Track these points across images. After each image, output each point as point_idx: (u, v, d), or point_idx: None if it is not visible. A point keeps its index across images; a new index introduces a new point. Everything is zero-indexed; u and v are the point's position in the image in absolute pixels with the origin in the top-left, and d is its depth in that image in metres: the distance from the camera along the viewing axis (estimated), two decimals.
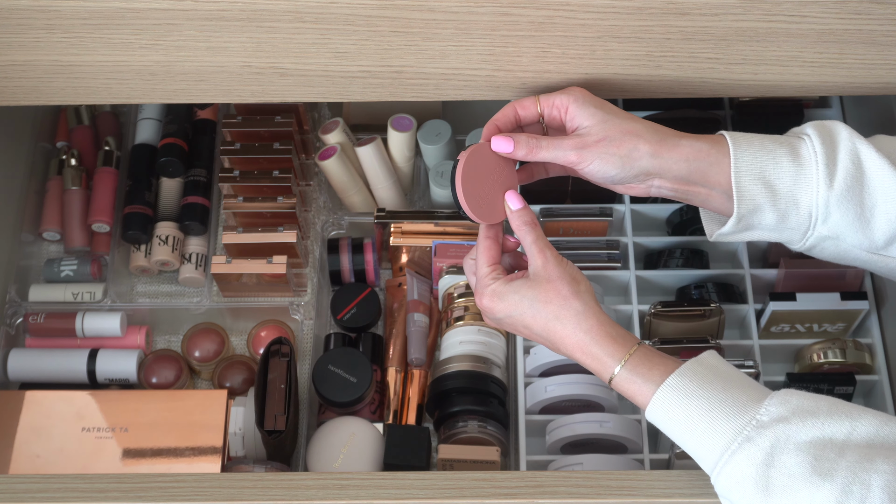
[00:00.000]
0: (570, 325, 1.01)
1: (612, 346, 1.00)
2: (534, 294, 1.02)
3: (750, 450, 0.93)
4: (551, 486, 1.06)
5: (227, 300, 1.48)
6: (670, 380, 0.97)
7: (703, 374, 0.97)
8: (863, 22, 1.04)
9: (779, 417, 0.94)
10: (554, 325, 1.02)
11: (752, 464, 0.93)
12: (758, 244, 1.41)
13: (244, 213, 1.46)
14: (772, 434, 0.93)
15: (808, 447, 0.92)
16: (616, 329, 1.01)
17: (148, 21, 1.04)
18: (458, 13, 1.03)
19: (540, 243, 1.04)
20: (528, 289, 1.03)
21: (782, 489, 0.92)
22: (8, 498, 1.06)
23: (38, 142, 1.53)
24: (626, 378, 0.99)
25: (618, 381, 1.00)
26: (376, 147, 1.46)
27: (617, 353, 1.00)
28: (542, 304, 1.02)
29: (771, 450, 0.92)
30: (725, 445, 0.94)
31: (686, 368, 0.98)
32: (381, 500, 1.06)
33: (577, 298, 1.01)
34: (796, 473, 0.91)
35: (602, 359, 1.00)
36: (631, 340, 1.01)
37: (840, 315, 1.35)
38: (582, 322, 1.01)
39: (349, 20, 1.04)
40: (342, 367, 1.36)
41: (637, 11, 1.03)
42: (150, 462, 1.34)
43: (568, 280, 1.02)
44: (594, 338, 1.00)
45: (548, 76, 1.10)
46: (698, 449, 0.96)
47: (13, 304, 1.44)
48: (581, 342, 1.01)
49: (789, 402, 0.94)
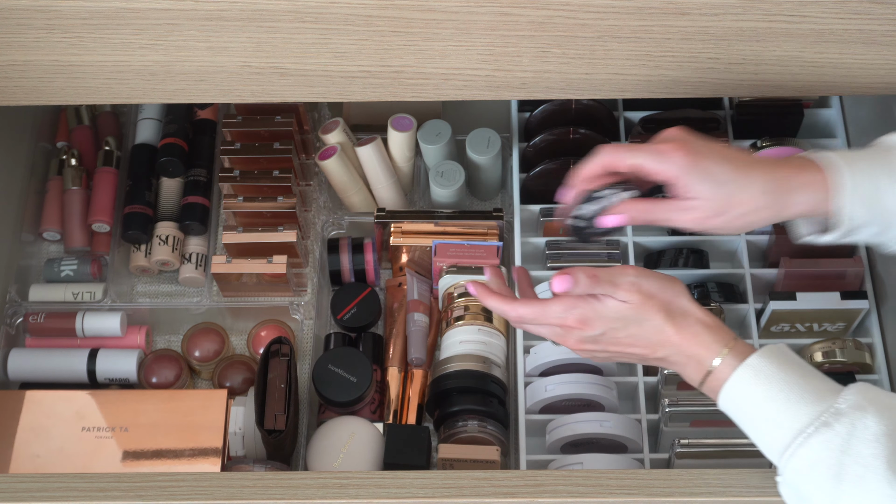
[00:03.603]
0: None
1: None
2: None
3: (826, 434, 0.93)
4: (551, 485, 1.06)
5: (227, 300, 1.48)
6: (751, 360, 0.98)
7: (783, 359, 0.98)
8: (863, 22, 1.04)
9: (857, 406, 0.93)
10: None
11: (828, 448, 0.92)
12: (758, 242, 1.41)
13: (244, 213, 1.46)
14: (849, 422, 0.92)
15: (885, 440, 0.92)
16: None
17: (148, 21, 1.04)
18: (458, 13, 1.03)
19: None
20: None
21: (854, 479, 0.91)
22: (8, 497, 1.06)
23: (38, 142, 1.53)
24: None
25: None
26: (376, 147, 1.46)
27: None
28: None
29: (848, 437, 0.92)
30: (800, 429, 0.94)
31: (767, 351, 0.98)
32: (381, 499, 1.06)
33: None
34: (871, 465, 0.91)
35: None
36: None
37: (840, 314, 1.35)
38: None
39: (349, 20, 1.04)
40: (342, 367, 1.36)
41: (637, 11, 1.03)
42: (149, 462, 1.34)
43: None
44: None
45: (548, 76, 1.10)
46: (771, 430, 0.96)
47: (13, 304, 1.44)
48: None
49: (868, 393, 0.94)
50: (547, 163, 1.43)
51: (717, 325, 1.01)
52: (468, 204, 1.55)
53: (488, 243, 1.42)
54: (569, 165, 1.42)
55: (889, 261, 1.34)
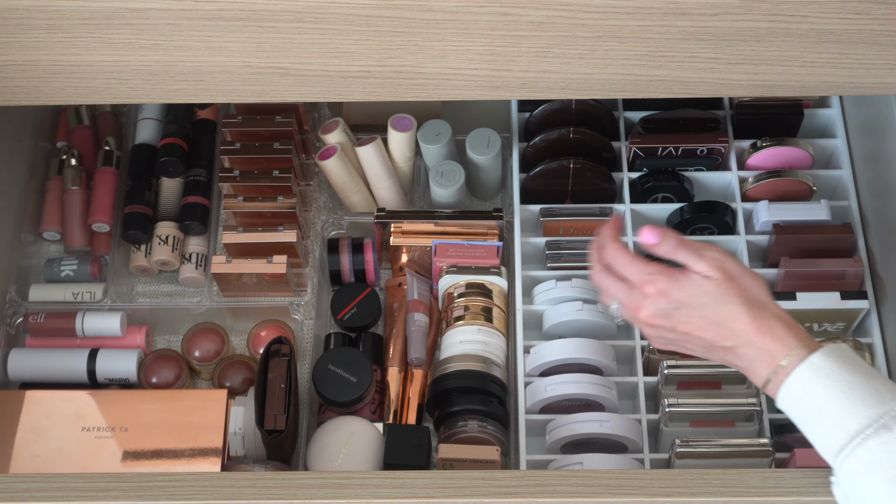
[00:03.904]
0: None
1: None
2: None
3: (886, 437, 0.93)
4: (551, 484, 1.06)
5: (227, 300, 1.48)
6: (814, 358, 0.98)
7: (846, 359, 0.98)
8: (863, 22, 1.04)
9: None
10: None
11: (886, 451, 0.92)
12: (758, 242, 1.41)
13: (244, 213, 1.46)
14: None
15: None
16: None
17: (148, 21, 1.04)
18: (458, 13, 1.03)
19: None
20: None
21: None
22: (8, 497, 1.06)
23: (38, 142, 1.53)
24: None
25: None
26: (376, 147, 1.46)
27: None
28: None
29: None
30: (859, 429, 0.94)
31: (830, 350, 0.98)
32: (381, 499, 1.06)
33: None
34: None
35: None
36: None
37: (840, 314, 1.35)
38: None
39: (349, 20, 1.04)
40: (342, 367, 1.36)
41: (637, 11, 1.03)
42: (149, 462, 1.34)
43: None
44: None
45: (548, 76, 1.10)
46: (830, 430, 0.96)
47: (13, 304, 1.44)
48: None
49: None
50: (547, 163, 1.43)
51: (794, 323, 1.01)
52: (468, 204, 1.55)
53: (488, 243, 1.42)
54: (569, 165, 1.42)
55: (889, 261, 1.34)
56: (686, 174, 1.44)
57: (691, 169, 1.46)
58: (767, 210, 1.40)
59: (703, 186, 1.46)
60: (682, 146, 1.44)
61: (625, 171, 1.46)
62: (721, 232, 1.43)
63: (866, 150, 1.42)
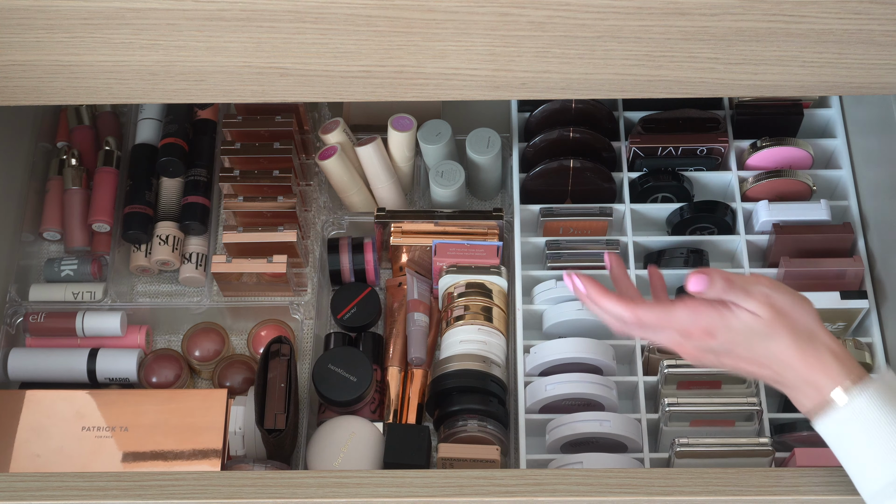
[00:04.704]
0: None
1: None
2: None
3: None
4: (551, 484, 1.06)
5: (227, 300, 1.48)
6: (859, 400, 0.97)
7: (891, 399, 0.96)
8: (863, 22, 1.04)
9: None
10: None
11: None
12: (758, 242, 1.41)
13: (244, 213, 1.46)
14: None
15: None
16: None
17: (148, 21, 1.04)
18: (458, 13, 1.03)
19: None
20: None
21: None
22: (8, 496, 1.06)
23: (38, 142, 1.53)
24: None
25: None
26: (376, 147, 1.46)
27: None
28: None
29: None
30: (892, 481, 0.94)
31: (876, 392, 0.96)
32: (381, 498, 1.06)
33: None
34: None
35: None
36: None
37: (840, 314, 1.35)
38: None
39: (349, 20, 1.04)
40: (342, 367, 1.36)
41: (637, 11, 1.03)
42: (149, 461, 1.34)
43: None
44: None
45: (548, 76, 1.10)
46: (866, 473, 0.96)
47: (13, 304, 1.44)
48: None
49: None
50: (547, 163, 1.43)
51: (845, 353, 0.99)
52: (468, 204, 1.55)
53: (488, 243, 1.42)
54: (569, 165, 1.42)
55: (889, 261, 1.34)
56: (686, 174, 1.44)
57: (691, 169, 1.46)
58: (767, 210, 1.40)
59: (703, 186, 1.46)
60: (681, 146, 1.44)
61: (625, 170, 1.46)
62: (721, 232, 1.43)
63: (866, 150, 1.42)
